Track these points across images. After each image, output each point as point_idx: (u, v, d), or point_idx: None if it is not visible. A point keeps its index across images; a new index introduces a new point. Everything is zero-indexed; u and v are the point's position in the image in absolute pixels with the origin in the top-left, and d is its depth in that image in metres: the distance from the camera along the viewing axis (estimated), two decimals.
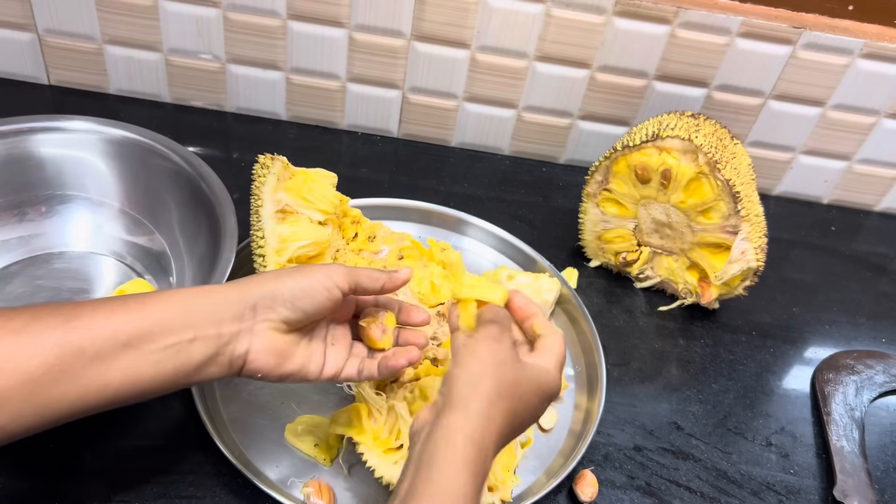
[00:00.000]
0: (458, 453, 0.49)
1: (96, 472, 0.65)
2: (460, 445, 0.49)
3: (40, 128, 0.78)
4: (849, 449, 0.79)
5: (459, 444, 0.49)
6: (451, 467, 0.48)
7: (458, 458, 0.49)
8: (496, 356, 0.53)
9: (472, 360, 0.53)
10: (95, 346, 0.48)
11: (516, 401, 0.53)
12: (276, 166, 0.71)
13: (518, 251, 0.91)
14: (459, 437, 0.49)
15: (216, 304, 0.53)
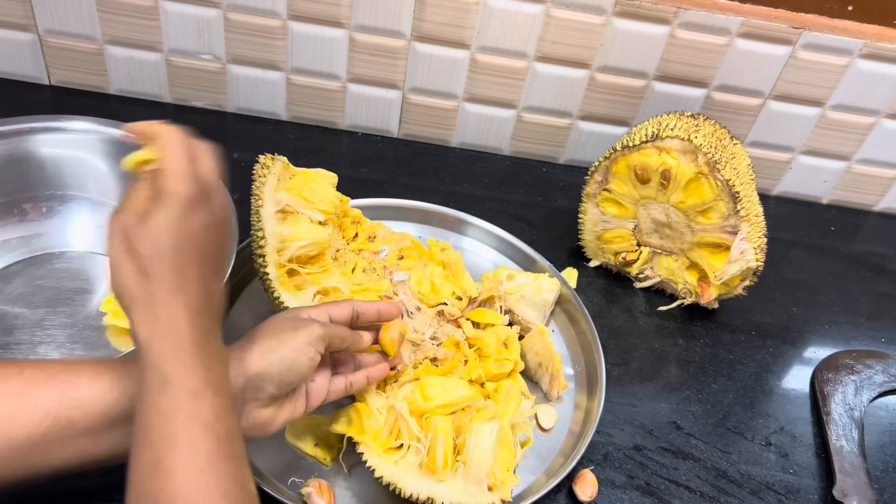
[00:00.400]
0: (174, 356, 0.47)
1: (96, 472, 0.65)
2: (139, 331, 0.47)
3: (41, 128, 0.78)
4: (848, 448, 0.79)
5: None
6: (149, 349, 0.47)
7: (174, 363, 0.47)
8: (127, 240, 0.49)
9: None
10: (86, 422, 0.48)
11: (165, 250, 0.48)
12: (276, 166, 0.72)
13: (518, 251, 0.91)
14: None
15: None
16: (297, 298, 0.70)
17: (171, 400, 0.45)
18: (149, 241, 0.48)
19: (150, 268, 0.48)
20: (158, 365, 0.46)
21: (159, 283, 0.47)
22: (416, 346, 0.74)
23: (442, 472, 0.64)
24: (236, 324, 0.79)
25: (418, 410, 0.67)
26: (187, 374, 0.46)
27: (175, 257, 0.48)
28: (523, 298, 0.82)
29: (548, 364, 0.78)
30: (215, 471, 0.43)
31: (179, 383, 0.45)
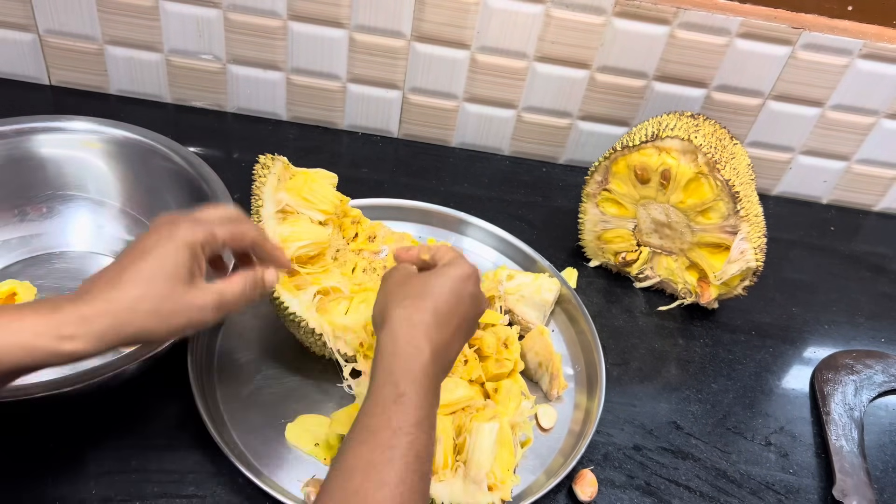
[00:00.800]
0: (399, 347, 0.54)
1: (96, 472, 0.65)
2: (402, 341, 0.54)
3: (41, 128, 0.78)
4: (848, 448, 0.79)
5: (398, 341, 0.54)
6: (387, 359, 0.53)
7: (393, 351, 0.54)
8: (395, 279, 0.59)
9: (384, 289, 0.60)
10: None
11: (446, 297, 0.57)
12: (276, 167, 0.72)
13: (518, 251, 0.91)
14: (400, 336, 0.54)
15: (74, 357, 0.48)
16: (296, 298, 0.70)
17: (401, 417, 0.50)
18: (429, 282, 0.57)
19: (422, 298, 0.56)
20: (398, 380, 0.52)
21: (423, 312, 0.55)
22: None
23: (442, 472, 0.64)
24: (236, 324, 0.79)
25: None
26: (419, 400, 0.51)
27: (444, 299, 0.56)
28: (523, 298, 0.82)
29: (548, 364, 0.78)
30: (412, 500, 0.48)
31: (411, 405, 0.51)
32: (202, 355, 0.74)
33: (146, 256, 0.52)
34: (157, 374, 0.71)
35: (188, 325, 0.53)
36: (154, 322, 0.51)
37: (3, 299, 0.73)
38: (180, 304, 0.52)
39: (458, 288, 0.57)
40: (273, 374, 0.75)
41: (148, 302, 0.51)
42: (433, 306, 0.55)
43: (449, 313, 0.56)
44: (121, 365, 0.60)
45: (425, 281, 0.58)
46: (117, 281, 0.51)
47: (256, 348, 0.77)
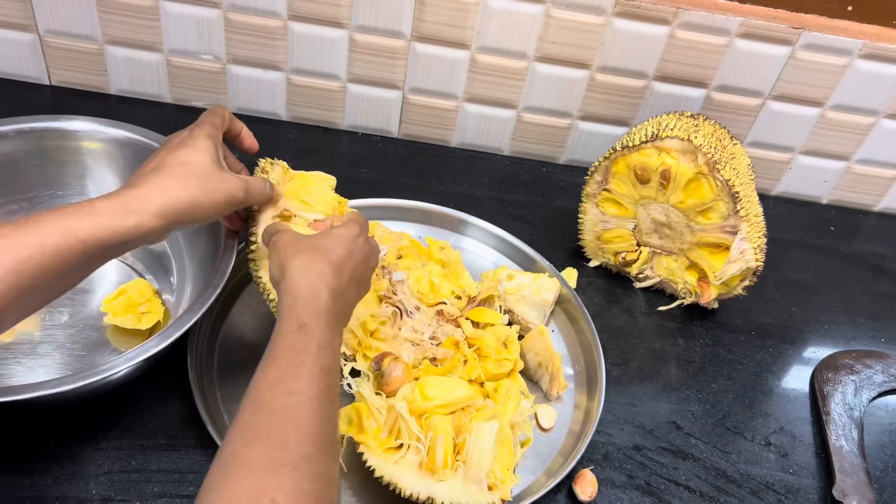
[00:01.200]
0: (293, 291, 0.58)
1: (96, 472, 0.65)
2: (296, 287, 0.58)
3: (41, 128, 0.78)
4: (848, 448, 0.79)
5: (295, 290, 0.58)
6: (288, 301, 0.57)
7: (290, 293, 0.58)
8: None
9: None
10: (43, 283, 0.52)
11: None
12: (275, 171, 0.72)
13: (518, 251, 0.91)
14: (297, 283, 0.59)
15: (143, 235, 0.57)
16: None
17: (305, 342, 0.54)
18: (321, 238, 0.62)
19: (317, 252, 0.60)
20: (300, 315, 0.55)
21: (318, 263, 0.59)
22: (415, 345, 0.74)
23: (442, 472, 0.64)
24: (236, 324, 0.79)
25: (418, 410, 0.67)
26: (320, 329, 0.55)
27: (337, 252, 0.61)
28: (523, 298, 0.82)
29: (548, 364, 0.78)
30: (321, 405, 0.51)
31: (313, 332, 0.54)
32: (202, 355, 0.74)
33: (180, 147, 0.62)
34: (157, 374, 0.71)
35: (225, 203, 0.62)
36: (202, 193, 0.60)
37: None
38: (218, 180, 0.62)
39: (349, 243, 0.62)
40: None
41: (194, 177, 0.60)
42: (327, 257, 0.60)
43: (341, 263, 0.60)
44: (120, 365, 0.60)
45: (317, 238, 0.62)
46: (161, 167, 0.60)
47: (256, 348, 0.77)
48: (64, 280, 0.55)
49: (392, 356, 0.71)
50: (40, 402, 0.59)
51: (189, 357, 0.70)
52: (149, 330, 0.74)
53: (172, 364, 0.71)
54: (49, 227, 0.52)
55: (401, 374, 0.69)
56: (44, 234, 0.52)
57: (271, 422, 0.49)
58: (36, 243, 0.51)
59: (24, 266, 0.50)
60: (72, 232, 0.53)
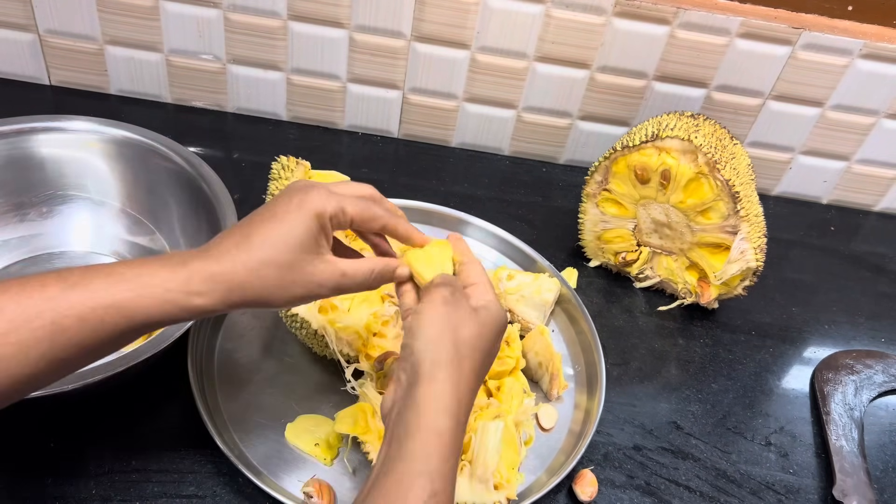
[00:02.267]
0: (429, 424, 0.49)
1: (96, 472, 0.65)
2: (431, 416, 0.49)
3: (41, 128, 0.78)
4: (848, 448, 0.79)
5: (430, 415, 0.49)
6: (423, 439, 0.49)
7: (430, 429, 0.49)
8: (451, 319, 0.53)
9: (428, 329, 0.52)
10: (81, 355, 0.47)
11: (481, 353, 0.54)
12: (299, 171, 0.72)
13: (518, 251, 0.91)
14: (430, 409, 0.49)
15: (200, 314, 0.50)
16: None
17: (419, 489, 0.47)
18: (474, 337, 0.53)
19: (462, 355, 0.52)
20: (433, 474, 0.48)
21: (466, 381, 0.52)
22: None
23: None
24: (236, 324, 0.79)
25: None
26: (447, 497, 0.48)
27: (483, 361, 0.54)
28: (523, 298, 0.82)
29: (548, 364, 0.78)
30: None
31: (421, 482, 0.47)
32: (202, 355, 0.74)
33: (275, 221, 0.52)
34: (157, 374, 0.71)
35: (305, 297, 0.53)
36: (275, 289, 0.51)
37: None
38: (303, 275, 0.52)
39: (496, 340, 0.56)
40: (273, 374, 0.75)
41: (273, 268, 0.51)
42: (470, 370, 0.53)
43: (487, 367, 0.55)
44: (120, 365, 0.60)
45: (479, 332, 0.54)
46: (246, 243, 0.51)
47: (256, 348, 0.77)
48: (99, 353, 0.49)
49: (395, 356, 0.71)
50: (40, 402, 0.59)
51: (189, 357, 0.70)
52: None
53: (172, 364, 0.71)
54: (95, 296, 0.46)
55: None
56: (87, 306, 0.46)
57: None
58: (77, 314, 0.46)
59: (60, 337, 0.45)
60: (119, 306, 0.47)
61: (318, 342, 0.71)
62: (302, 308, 0.70)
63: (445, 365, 0.51)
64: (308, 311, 0.70)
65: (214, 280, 0.49)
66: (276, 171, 0.72)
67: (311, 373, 0.76)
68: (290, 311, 0.70)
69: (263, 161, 0.77)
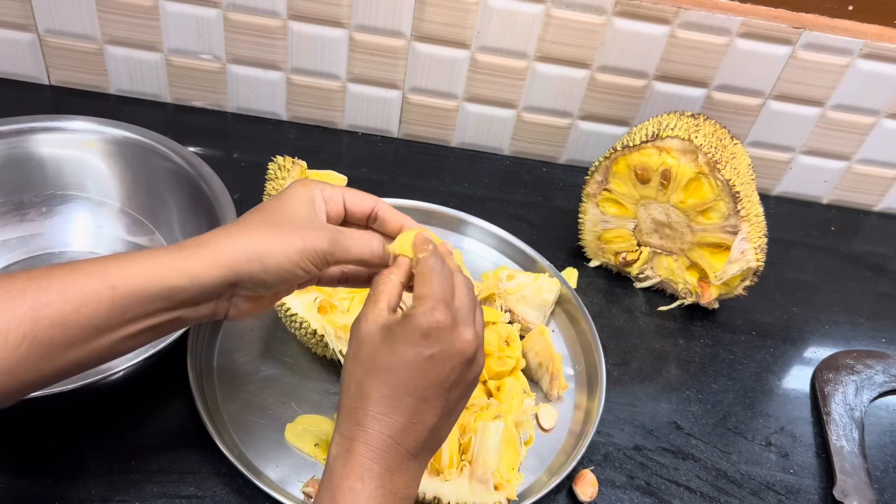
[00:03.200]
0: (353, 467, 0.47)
1: (96, 472, 0.65)
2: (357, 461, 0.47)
3: (41, 128, 0.78)
4: (848, 449, 0.79)
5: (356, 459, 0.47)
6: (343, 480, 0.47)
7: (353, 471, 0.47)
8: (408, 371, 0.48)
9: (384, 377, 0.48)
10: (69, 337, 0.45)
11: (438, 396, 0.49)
12: (295, 170, 0.72)
13: (518, 251, 0.91)
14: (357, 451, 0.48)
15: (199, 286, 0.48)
16: (298, 299, 0.70)
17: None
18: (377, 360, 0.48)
19: (367, 385, 0.48)
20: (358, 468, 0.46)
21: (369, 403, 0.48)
22: None
23: (448, 472, 0.64)
24: (237, 323, 0.79)
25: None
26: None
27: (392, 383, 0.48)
28: (523, 298, 0.82)
29: (548, 364, 0.78)
30: None
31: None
32: (202, 355, 0.74)
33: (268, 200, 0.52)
34: (157, 374, 0.71)
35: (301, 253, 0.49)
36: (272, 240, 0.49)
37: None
38: (297, 227, 0.50)
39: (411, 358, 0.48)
40: (273, 374, 0.75)
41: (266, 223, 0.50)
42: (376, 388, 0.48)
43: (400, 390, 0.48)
44: (120, 365, 0.60)
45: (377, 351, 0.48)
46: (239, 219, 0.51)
47: (256, 348, 0.77)
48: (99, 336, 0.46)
49: None
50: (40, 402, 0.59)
51: (189, 357, 0.70)
52: None
53: (172, 364, 0.71)
54: (78, 271, 0.45)
55: None
56: (68, 278, 0.44)
57: None
58: (57, 286, 0.44)
59: (42, 312, 0.43)
60: (102, 276, 0.45)
61: (317, 342, 0.71)
62: (302, 308, 0.70)
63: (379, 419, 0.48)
64: (308, 311, 0.70)
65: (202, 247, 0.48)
66: (272, 171, 0.72)
67: (311, 373, 0.76)
68: (290, 311, 0.70)
69: (263, 161, 0.77)
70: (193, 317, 0.49)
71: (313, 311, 0.70)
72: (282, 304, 0.70)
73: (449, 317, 0.49)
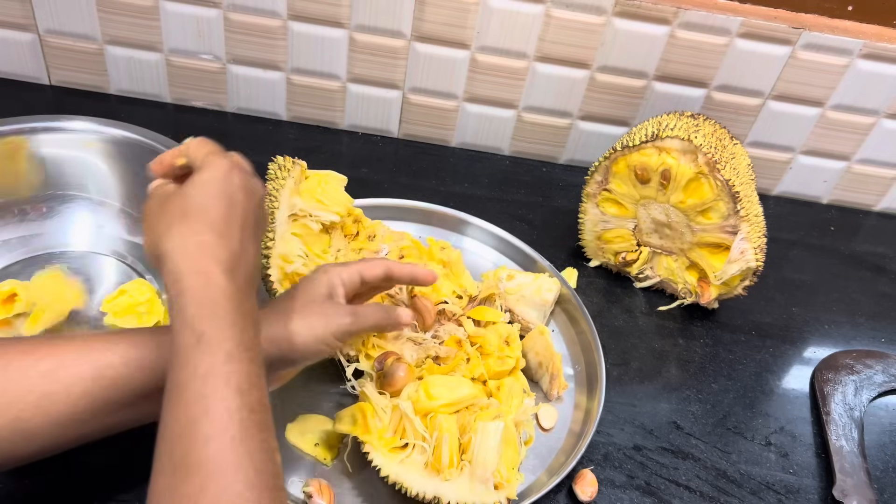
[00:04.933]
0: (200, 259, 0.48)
1: (97, 472, 0.65)
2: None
3: (41, 128, 0.78)
4: (848, 448, 0.79)
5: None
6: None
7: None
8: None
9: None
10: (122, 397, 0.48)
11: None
12: (295, 171, 0.72)
13: (518, 251, 0.91)
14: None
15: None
16: None
17: (207, 360, 0.44)
18: (189, 195, 0.50)
19: (189, 217, 0.48)
20: (193, 320, 0.45)
21: (197, 233, 0.48)
22: (417, 344, 0.74)
23: (448, 471, 0.64)
24: None
25: (423, 409, 0.67)
26: (222, 333, 0.45)
27: (215, 209, 0.49)
28: (523, 298, 0.82)
29: (548, 364, 0.78)
30: (247, 441, 0.42)
31: (215, 342, 0.44)
32: None
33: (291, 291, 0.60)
34: None
35: (324, 329, 0.57)
36: (299, 325, 0.56)
37: (3, 300, 0.73)
38: (317, 310, 0.57)
39: (224, 188, 0.51)
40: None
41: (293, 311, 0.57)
42: (205, 221, 0.49)
43: (226, 220, 0.49)
44: None
45: (185, 197, 0.50)
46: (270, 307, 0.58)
47: None
48: (149, 402, 0.48)
49: (395, 356, 0.71)
50: None
51: None
52: None
53: None
54: (140, 341, 0.48)
55: (404, 375, 0.69)
56: (133, 346, 0.47)
57: (195, 485, 0.41)
58: (121, 351, 0.47)
59: (104, 373, 0.46)
60: (164, 349, 0.47)
61: None
62: None
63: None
64: None
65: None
66: (272, 171, 0.72)
67: (311, 373, 0.76)
68: None
69: (263, 161, 0.76)
70: None
71: None
72: None
73: (235, 160, 0.56)
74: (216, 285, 0.46)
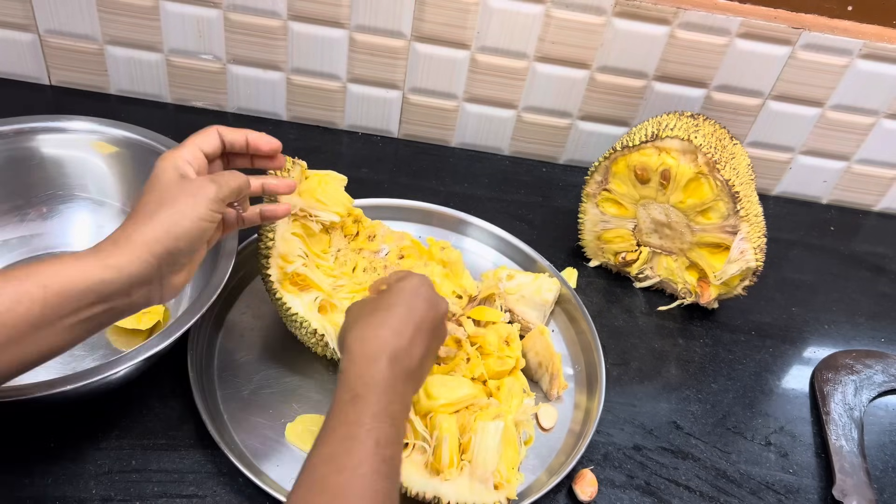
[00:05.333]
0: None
1: (97, 472, 0.65)
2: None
3: (41, 128, 0.78)
4: (848, 448, 0.79)
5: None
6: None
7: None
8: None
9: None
10: (6, 335, 0.48)
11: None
12: (295, 170, 0.72)
13: (518, 251, 0.91)
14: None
15: (127, 276, 0.53)
16: (299, 299, 0.71)
17: (358, 414, 0.53)
18: (383, 298, 0.62)
19: (376, 314, 0.60)
20: (352, 384, 0.55)
21: (376, 327, 0.59)
22: None
23: (448, 471, 0.64)
24: (237, 323, 0.79)
25: (423, 409, 0.67)
26: (373, 398, 0.54)
27: (397, 311, 0.60)
28: (523, 298, 0.82)
29: (548, 364, 0.78)
30: (374, 481, 0.51)
31: (366, 402, 0.54)
32: (202, 355, 0.74)
33: (144, 191, 0.58)
34: (157, 374, 0.71)
35: (207, 206, 0.56)
36: (177, 212, 0.55)
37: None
38: (188, 192, 0.56)
39: (409, 298, 0.62)
40: (273, 374, 0.75)
41: (162, 203, 0.55)
42: (386, 318, 0.59)
43: (403, 321, 0.60)
44: (120, 365, 0.60)
45: (379, 299, 0.62)
46: (131, 213, 0.56)
47: (256, 348, 0.77)
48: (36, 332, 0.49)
49: None
50: (40, 402, 0.59)
51: (189, 357, 0.70)
52: (149, 330, 0.74)
53: (172, 364, 0.71)
54: (10, 275, 0.49)
55: None
56: (1, 281, 0.48)
57: (323, 501, 0.49)
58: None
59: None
60: (33, 278, 0.49)
61: (317, 342, 0.71)
62: (302, 308, 0.70)
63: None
64: (308, 311, 0.70)
65: (123, 241, 0.53)
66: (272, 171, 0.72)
67: (311, 372, 0.76)
68: (291, 311, 0.70)
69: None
70: (127, 305, 0.54)
71: (313, 311, 0.70)
72: (282, 304, 0.70)
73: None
74: (378, 367, 0.56)
